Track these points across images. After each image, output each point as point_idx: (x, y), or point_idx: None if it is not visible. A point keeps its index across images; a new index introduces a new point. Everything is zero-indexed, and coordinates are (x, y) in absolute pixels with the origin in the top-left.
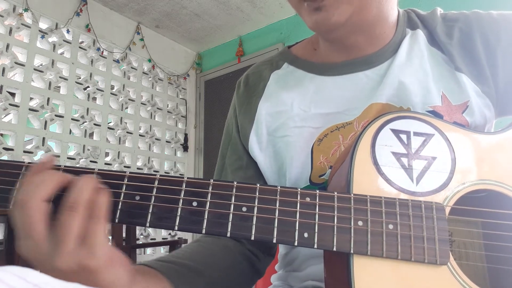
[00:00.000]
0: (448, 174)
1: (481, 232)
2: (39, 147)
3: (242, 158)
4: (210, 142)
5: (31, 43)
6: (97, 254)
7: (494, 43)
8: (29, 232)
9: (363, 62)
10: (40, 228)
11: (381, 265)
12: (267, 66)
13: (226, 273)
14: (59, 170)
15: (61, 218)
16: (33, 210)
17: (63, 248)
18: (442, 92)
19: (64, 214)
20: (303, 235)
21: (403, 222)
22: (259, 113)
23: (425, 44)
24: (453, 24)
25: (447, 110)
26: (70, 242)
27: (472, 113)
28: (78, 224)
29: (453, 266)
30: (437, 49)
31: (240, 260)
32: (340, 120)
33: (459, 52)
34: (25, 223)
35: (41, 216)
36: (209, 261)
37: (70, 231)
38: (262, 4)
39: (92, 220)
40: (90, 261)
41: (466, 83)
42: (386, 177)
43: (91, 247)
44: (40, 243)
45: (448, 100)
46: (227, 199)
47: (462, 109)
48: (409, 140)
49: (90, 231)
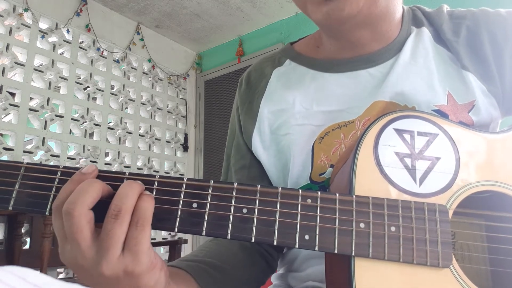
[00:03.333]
0: (452, 175)
1: (485, 235)
2: (39, 147)
3: (245, 158)
4: (210, 142)
5: (31, 43)
6: (142, 261)
7: (502, 41)
8: (75, 239)
9: (367, 60)
10: (86, 235)
11: (383, 268)
12: (269, 63)
13: (248, 272)
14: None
15: (107, 226)
16: (80, 218)
17: (110, 256)
18: (448, 91)
19: (109, 222)
20: (304, 238)
21: (406, 225)
22: (261, 112)
23: (430, 42)
24: (460, 22)
25: (452, 109)
26: (116, 249)
27: (478, 113)
28: (123, 232)
29: (456, 269)
30: (443, 47)
31: (258, 259)
32: (342, 119)
33: (466, 50)
34: (71, 230)
35: (87, 223)
36: (232, 261)
37: (116, 239)
38: (262, 4)
39: (137, 228)
40: (136, 267)
41: (473, 82)
42: (389, 178)
43: (137, 255)
44: (85, 250)
45: (454, 99)
46: (227, 201)
47: (468, 108)
48: (412, 140)
49: (136, 239)
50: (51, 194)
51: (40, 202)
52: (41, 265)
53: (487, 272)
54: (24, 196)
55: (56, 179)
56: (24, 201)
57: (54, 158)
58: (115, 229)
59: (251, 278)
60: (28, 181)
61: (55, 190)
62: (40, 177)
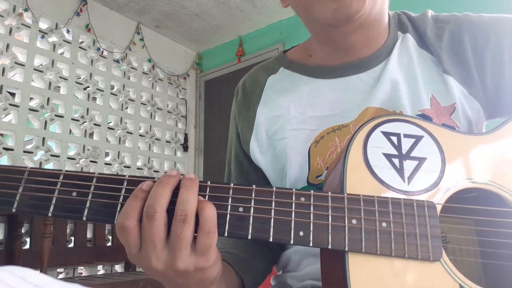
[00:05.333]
0: (438, 174)
1: (474, 230)
2: (39, 147)
3: (243, 164)
4: (210, 142)
5: (31, 43)
6: (211, 258)
7: (483, 45)
8: (152, 241)
9: (357, 66)
10: (163, 237)
11: (376, 262)
12: (263, 71)
13: (263, 263)
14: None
15: (176, 229)
16: (159, 220)
17: (182, 255)
18: (432, 94)
19: (179, 226)
20: (299, 234)
21: (396, 220)
22: (258, 118)
23: (414, 47)
24: (443, 26)
25: (436, 112)
26: (187, 248)
27: (459, 115)
28: (191, 232)
29: (446, 262)
30: (426, 51)
31: (267, 252)
32: (336, 123)
33: (448, 54)
34: (151, 232)
35: (164, 225)
36: (250, 252)
37: (186, 240)
38: (262, 4)
39: (209, 236)
40: (205, 264)
41: (453, 85)
42: (379, 177)
43: (208, 255)
44: (160, 251)
45: (437, 102)
46: (224, 201)
47: (450, 111)
48: (399, 141)
49: (208, 245)
50: (54, 196)
51: (43, 204)
52: (41, 265)
53: (477, 264)
54: (27, 199)
55: (58, 183)
56: (27, 204)
57: (54, 158)
58: (185, 232)
59: (264, 268)
60: (32, 184)
61: (58, 193)
62: (43, 181)
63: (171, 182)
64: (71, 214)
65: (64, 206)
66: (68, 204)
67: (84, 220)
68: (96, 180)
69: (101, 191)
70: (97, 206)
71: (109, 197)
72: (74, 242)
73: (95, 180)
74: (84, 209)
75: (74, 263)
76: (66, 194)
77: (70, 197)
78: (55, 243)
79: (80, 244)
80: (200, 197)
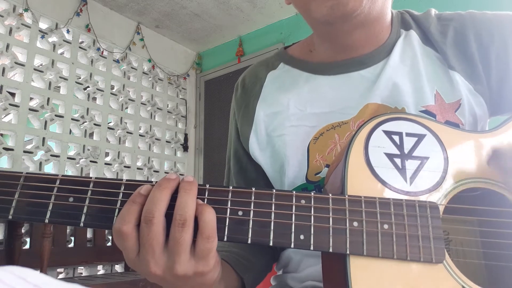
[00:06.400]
0: (441, 173)
1: (478, 230)
2: (39, 147)
3: (242, 161)
4: (210, 142)
5: (31, 43)
6: (210, 263)
7: (488, 42)
8: (151, 246)
9: (358, 62)
10: (161, 241)
11: (378, 265)
12: (263, 67)
13: (264, 260)
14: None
15: (175, 234)
16: (158, 225)
17: (181, 259)
18: (436, 90)
19: (178, 230)
20: (299, 237)
21: (398, 222)
22: (257, 115)
23: (418, 43)
24: (447, 23)
25: (440, 109)
26: (186, 253)
27: (465, 111)
28: (190, 237)
29: (449, 264)
30: (431, 48)
31: (268, 249)
32: (336, 119)
33: (453, 51)
34: (150, 237)
35: (163, 230)
36: (251, 251)
37: (185, 245)
38: (262, 4)
39: (209, 241)
40: (205, 268)
41: (459, 81)
42: (380, 178)
43: (207, 260)
44: (159, 256)
45: (442, 98)
46: (223, 204)
47: (455, 107)
48: (401, 141)
49: (208, 250)
50: (50, 202)
51: (39, 211)
52: (41, 265)
53: (481, 266)
54: (23, 205)
55: (55, 188)
56: (24, 210)
57: (54, 158)
58: (184, 236)
59: (265, 266)
60: (28, 190)
61: (54, 199)
62: (40, 186)
63: (170, 186)
64: (68, 220)
65: (61, 213)
66: (65, 210)
67: (82, 226)
68: (93, 185)
69: (98, 196)
70: (94, 211)
71: (106, 202)
72: (74, 242)
73: (92, 184)
74: (81, 215)
75: (74, 263)
76: (63, 199)
77: (67, 203)
78: (55, 243)
79: (80, 244)
80: (199, 201)
